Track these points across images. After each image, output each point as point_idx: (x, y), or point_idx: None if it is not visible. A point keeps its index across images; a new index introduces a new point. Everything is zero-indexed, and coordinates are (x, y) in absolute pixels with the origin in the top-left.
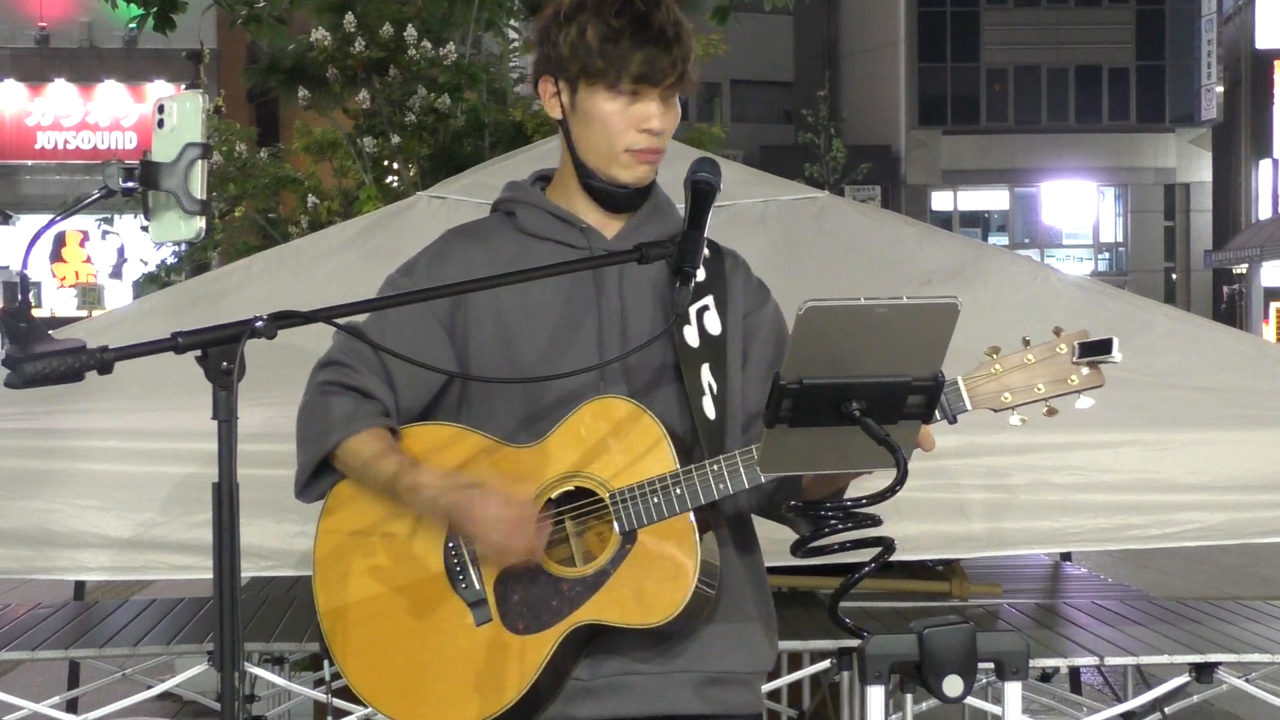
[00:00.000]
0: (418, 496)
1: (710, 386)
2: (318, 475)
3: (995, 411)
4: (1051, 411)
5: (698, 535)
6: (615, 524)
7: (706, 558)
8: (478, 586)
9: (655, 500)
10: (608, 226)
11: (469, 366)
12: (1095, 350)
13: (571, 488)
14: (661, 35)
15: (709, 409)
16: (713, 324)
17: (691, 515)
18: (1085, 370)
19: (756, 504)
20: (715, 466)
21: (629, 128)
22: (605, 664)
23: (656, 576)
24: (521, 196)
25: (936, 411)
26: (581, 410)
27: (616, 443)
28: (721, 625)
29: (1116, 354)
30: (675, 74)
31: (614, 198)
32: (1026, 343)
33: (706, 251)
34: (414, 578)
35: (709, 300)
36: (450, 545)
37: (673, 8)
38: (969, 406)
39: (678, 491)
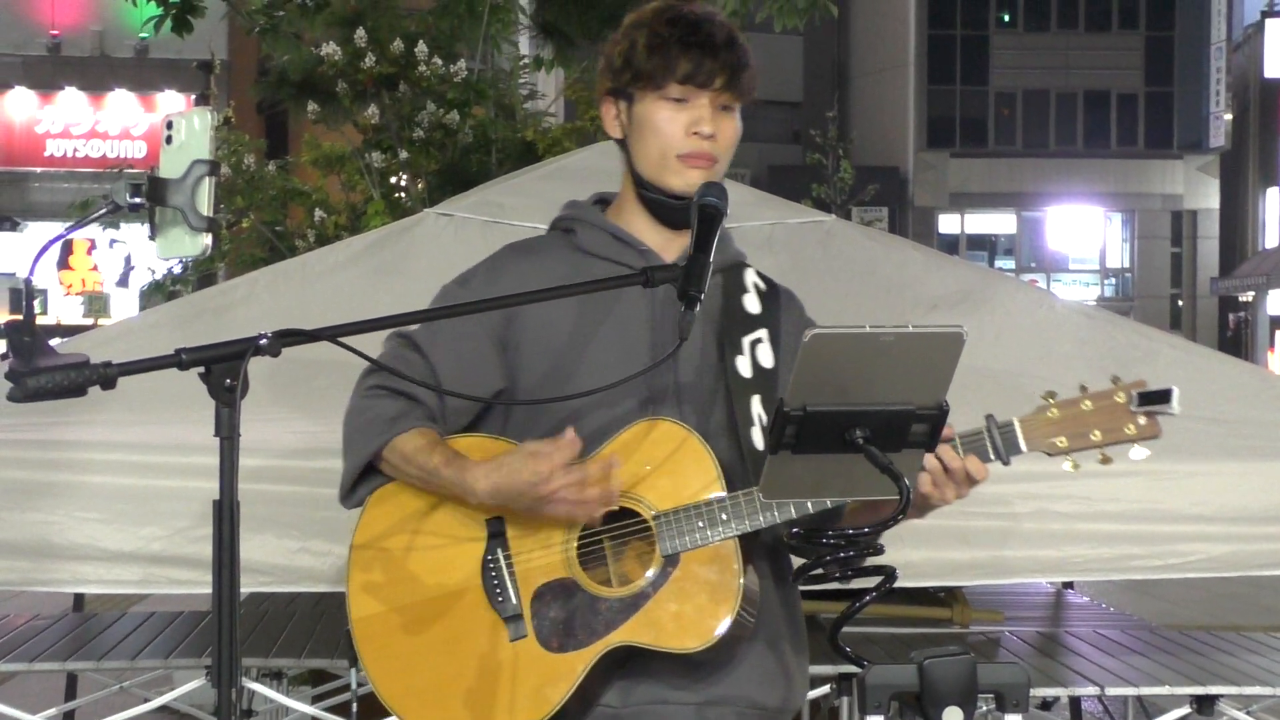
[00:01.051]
0: (464, 490)
1: (760, 417)
2: (361, 479)
3: (1049, 455)
4: (1106, 460)
5: (740, 563)
6: (658, 546)
7: (748, 586)
8: (514, 601)
9: (700, 524)
10: (667, 250)
11: (518, 382)
12: (1154, 400)
13: (615, 507)
14: (709, 40)
15: (757, 439)
16: (765, 357)
17: (736, 543)
18: (1142, 420)
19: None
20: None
21: (680, 133)
22: (636, 690)
23: (697, 601)
24: (581, 215)
25: (990, 451)
26: (630, 431)
27: (663, 465)
28: (755, 656)
29: (1175, 405)
30: (724, 78)
31: (668, 208)
32: (1084, 388)
33: (762, 284)
34: (449, 589)
35: (763, 334)
36: (488, 558)
37: (731, 27)
38: (1024, 449)
39: (723, 517)
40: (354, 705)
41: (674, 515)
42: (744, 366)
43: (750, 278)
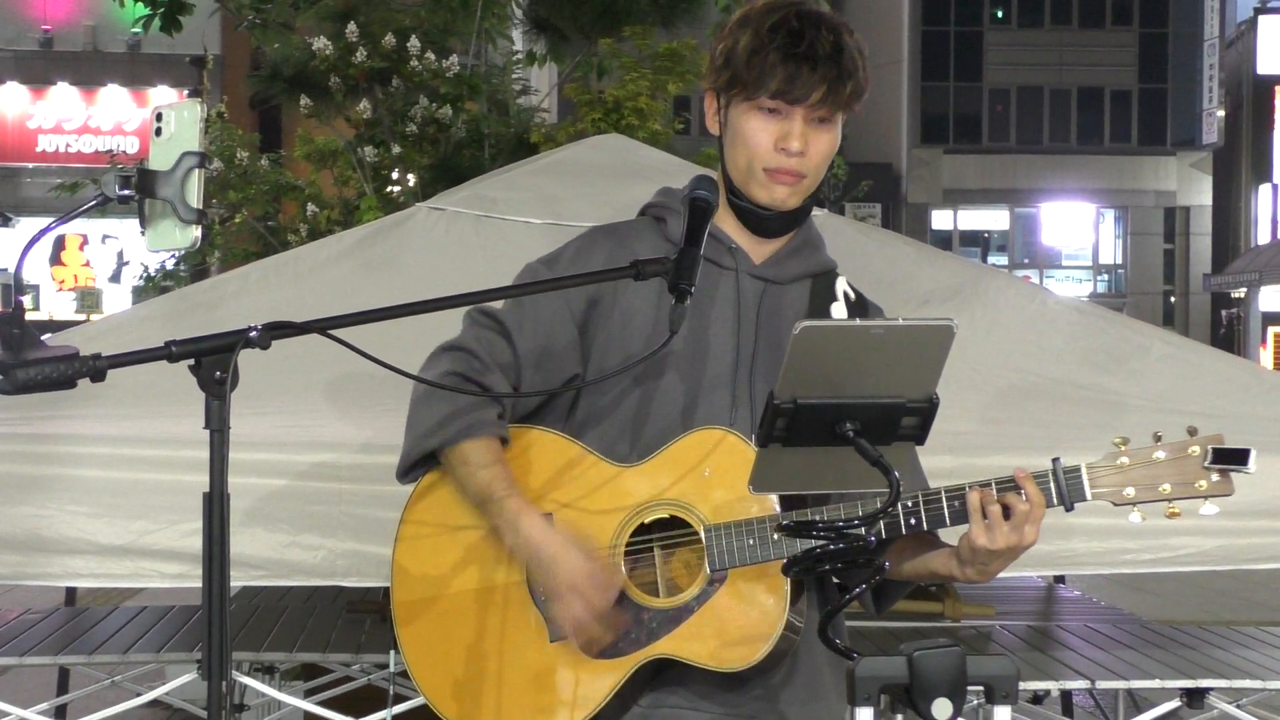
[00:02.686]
0: (509, 528)
1: None
2: (420, 461)
3: (1115, 505)
4: (1174, 514)
5: (789, 585)
6: (706, 560)
7: (793, 608)
8: None
9: (750, 542)
10: (756, 251)
11: (590, 368)
12: (1229, 458)
13: (666, 515)
14: (810, 53)
15: None
16: None
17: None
18: (1215, 476)
19: None
20: (816, 518)
21: (768, 145)
22: (670, 698)
23: (741, 621)
24: (674, 205)
25: (1054, 496)
26: (689, 438)
27: (720, 477)
28: (792, 674)
29: (1251, 465)
30: (821, 94)
31: (754, 218)
32: (1158, 438)
33: (852, 294)
34: (493, 583)
35: None
36: None
37: (842, 32)
38: (1089, 496)
39: (774, 537)
40: (391, 690)
41: (725, 530)
42: None
43: (841, 286)
